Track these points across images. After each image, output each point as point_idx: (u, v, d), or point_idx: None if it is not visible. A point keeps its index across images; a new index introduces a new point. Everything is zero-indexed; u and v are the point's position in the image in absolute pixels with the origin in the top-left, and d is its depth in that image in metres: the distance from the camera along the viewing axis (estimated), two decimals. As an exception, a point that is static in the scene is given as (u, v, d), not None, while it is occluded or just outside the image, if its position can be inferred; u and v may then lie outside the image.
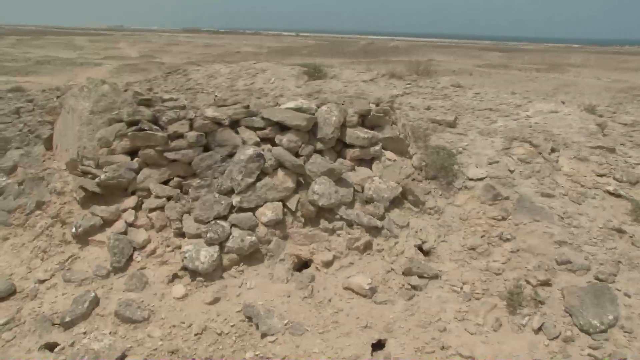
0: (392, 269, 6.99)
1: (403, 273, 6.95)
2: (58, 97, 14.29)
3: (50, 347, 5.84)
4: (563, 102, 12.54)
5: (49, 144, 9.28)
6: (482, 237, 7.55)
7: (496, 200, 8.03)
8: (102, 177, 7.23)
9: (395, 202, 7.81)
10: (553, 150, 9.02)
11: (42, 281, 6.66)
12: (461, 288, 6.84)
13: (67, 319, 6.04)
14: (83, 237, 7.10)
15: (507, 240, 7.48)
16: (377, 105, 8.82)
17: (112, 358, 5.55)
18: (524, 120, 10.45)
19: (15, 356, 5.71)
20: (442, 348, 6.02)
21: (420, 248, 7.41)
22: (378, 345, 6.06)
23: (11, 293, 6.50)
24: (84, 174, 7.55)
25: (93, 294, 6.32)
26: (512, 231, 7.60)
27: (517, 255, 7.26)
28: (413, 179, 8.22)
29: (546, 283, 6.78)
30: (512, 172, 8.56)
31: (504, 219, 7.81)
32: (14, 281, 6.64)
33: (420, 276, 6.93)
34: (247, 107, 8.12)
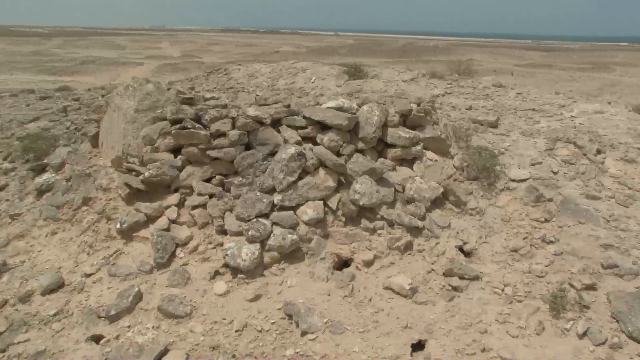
0: (433, 270, 6.95)
1: (444, 274, 6.90)
2: (103, 95, 14.67)
3: (97, 339, 6.00)
4: (609, 102, 12.26)
5: (95, 141, 9.48)
6: (524, 238, 7.44)
7: (539, 201, 7.91)
8: (146, 174, 7.37)
9: (437, 203, 7.76)
10: (599, 152, 8.82)
11: (89, 275, 6.84)
12: (503, 290, 6.76)
13: (112, 313, 6.18)
14: (127, 233, 7.25)
15: (551, 242, 7.35)
16: (418, 105, 8.78)
17: (155, 352, 5.64)
18: (568, 120, 10.26)
19: (64, 347, 5.88)
20: (483, 350, 5.95)
21: (461, 249, 7.35)
22: (418, 346, 6.03)
23: (60, 286, 6.69)
24: (129, 171, 7.70)
25: (137, 289, 6.45)
26: (556, 233, 7.47)
27: (560, 258, 7.13)
28: (454, 180, 8.16)
29: (591, 287, 6.63)
30: (555, 173, 8.41)
31: (547, 220, 7.68)
32: (62, 274, 6.84)
33: (461, 277, 6.87)
34: (288, 106, 8.16)
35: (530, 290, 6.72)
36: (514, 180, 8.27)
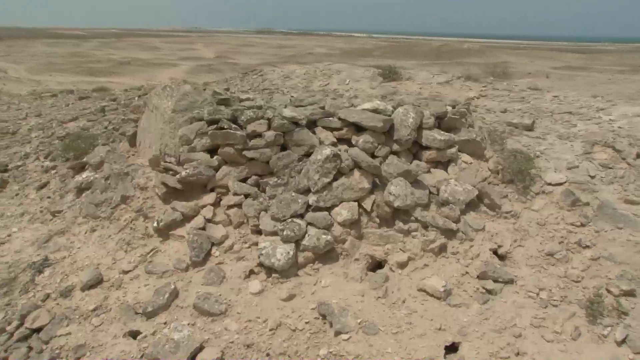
0: (467, 272, 6.92)
1: (478, 277, 6.86)
2: (139, 96, 14.92)
3: (134, 334, 6.12)
4: (650, 106, 12.00)
5: (132, 140, 9.66)
6: (560, 243, 7.35)
7: (575, 205, 7.79)
8: (183, 173, 7.48)
9: (471, 205, 7.72)
10: (639, 156, 8.65)
11: (126, 272, 6.98)
12: (537, 294, 6.69)
13: (149, 309, 6.30)
14: (164, 231, 7.37)
15: (587, 247, 7.24)
16: (453, 107, 8.75)
17: (190, 348, 5.73)
18: (606, 124, 10.08)
19: (103, 341, 6.03)
20: (517, 354, 5.90)
21: (495, 252, 7.30)
22: (451, 348, 6.00)
23: (98, 282, 6.85)
24: (166, 170, 7.83)
25: (173, 286, 6.55)
26: (593, 238, 7.35)
27: (597, 263, 7.02)
28: (489, 183, 8.11)
29: (630, 293, 6.50)
30: (592, 177, 8.28)
31: (583, 225, 7.56)
32: (101, 271, 6.99)
33: (496, 280, 6.82)
34: (323, 107, 8.22)
35: (566, 295, 6.64)
36: (549, 184, 8.16)
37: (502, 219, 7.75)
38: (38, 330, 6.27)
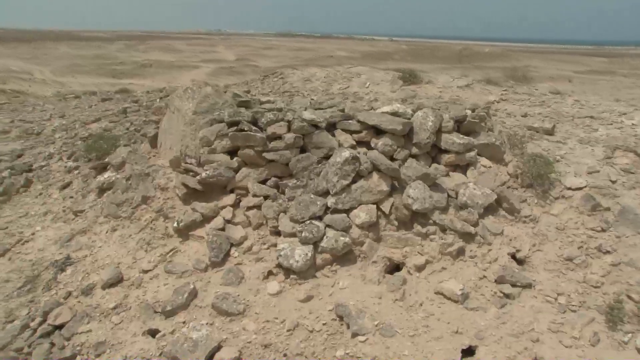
0: (485, 276, 6.90)
1: (496, 281, 6.84)
2: (161, 98, 15.07)
3: (153, 333, 6.20)
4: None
5: (153, 142, 9.76)
6: (579, 248, 7.29)
7: (595, 210, 7.72)
8: (203, 175, 7.56)
9: (490, 209, 7.70)
10: (661, 161, 8.55)
11: (146, 271, 7.06)
12: (556, 299, 6.65)
13: (168, 308, 6.37)
14: (184, 232, 7.45)
15: (607, 252, 7.17)
16: (473, 111, 8.73)
17: (209, 348, 5.79)
18: (628, 128, 9.97)
19: (123, 339, 6.12)
20: (535, 359, 5.87)
21: (513, 256, 7.27)
22: (468, 352, 5.99)
23: (119, 280, 6.95)
24: (186, 171, 7.91)
25: (192, 286, 6.62)
26: (613, 243, 7.28)
27: (618, 268, 6.95)
28: (508, 187, 8.08)
29: (652, 300, 6.45)
30: (614, 182, 8.19)
31: (603, 230, 7.49)
32: (121, 270, 7.09)
33: (514, 285, 6.80)
34: (343, 110, 8.26)
35: (585, 300, 6.59)
36: (569, 189, 8.09)
37: (520, 223, 7.71)
38: (60, 327, 6.39)
